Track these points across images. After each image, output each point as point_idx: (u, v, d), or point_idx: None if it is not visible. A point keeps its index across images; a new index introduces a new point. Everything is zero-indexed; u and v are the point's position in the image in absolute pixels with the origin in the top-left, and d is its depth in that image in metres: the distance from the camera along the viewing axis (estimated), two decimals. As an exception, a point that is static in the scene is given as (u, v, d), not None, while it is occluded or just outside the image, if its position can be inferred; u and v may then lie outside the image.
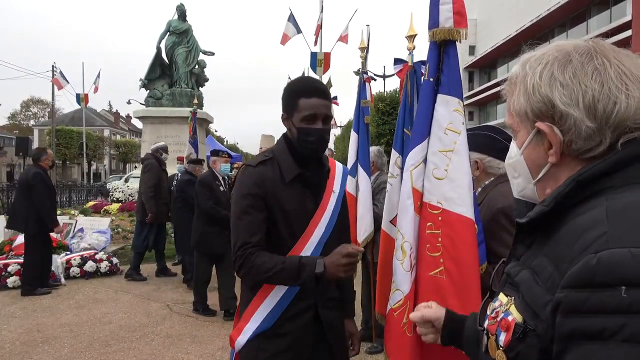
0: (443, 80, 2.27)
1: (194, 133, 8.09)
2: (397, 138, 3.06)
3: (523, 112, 0.89)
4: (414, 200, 2.28)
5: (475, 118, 41.44)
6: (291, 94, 1.83)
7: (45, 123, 52.42)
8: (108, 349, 4.42)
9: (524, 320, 0.79)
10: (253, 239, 1.77)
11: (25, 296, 6.09)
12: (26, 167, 6.78)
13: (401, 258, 2.26)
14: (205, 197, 5.39)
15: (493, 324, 0.87)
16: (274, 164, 1.85)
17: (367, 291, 4.61)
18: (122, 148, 48.63)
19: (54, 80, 25.88)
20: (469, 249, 2.09)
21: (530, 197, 0.96)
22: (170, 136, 13.51)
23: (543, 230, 0.86)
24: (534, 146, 0.90)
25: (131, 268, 7.17)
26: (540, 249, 0.84)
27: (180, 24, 14.38)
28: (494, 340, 0.86)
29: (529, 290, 0.80)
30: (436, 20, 2.25)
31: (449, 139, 2.22)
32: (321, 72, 12.80)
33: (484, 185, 2.35)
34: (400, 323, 2.21)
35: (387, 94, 22.75)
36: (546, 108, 0.84)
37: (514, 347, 0.80)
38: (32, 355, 4.26)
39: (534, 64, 0.88)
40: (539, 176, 0.91)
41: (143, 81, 14.33)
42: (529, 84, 0.86)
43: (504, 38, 34.85)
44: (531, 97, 0.86)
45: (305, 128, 1.79)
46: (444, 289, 2.12)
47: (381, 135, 21.18)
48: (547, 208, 0.83)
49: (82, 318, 5.30)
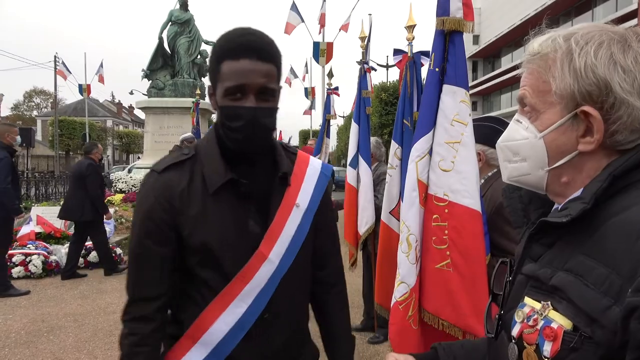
0: (449, 70, 2.24)
1: (197, 123, 8.10)
2: (396, 129, 3.05)
3: (568, 93, 0.78)
4: (419, 193, 2.26)
5: (479, 108, 41.26)
6: (213, 55, 1.22)
7: (48, 114, 52.47)
8: (112, 338, 4.45)
9: (574, 327, 0.71)
10: (148, 293, 1.23)
11: (108, 276, 6.75)
12: (79, 160, 7.15)
13: (406, 251, 2.25)
14: None
15: (532, 332, 0.78)
16: (194, 166, 1.24)
17: (368, 281, 4.62)
18: (124, 139, 48.67)
19: (59, 72, 25.84)
20: (476, 241, 2.08)
21: (531, 184, 0.88)
22: (173, 126, 13.53)
23: (571, 228, 0.78)
24: (565, 130, 0.80)
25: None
26: (572, 249, 0.77)
27: (181, 13, 14.31)
28: (533, 351, 0.77)
29: (579, 294, 0.72)
30: (446, 9, 2.22)
31: (456, 131, 2.20)
32: (324, 62, 12.72)
33: (487, 177, 2.33)
34: (405, 316, 2.20)
35: (390, 84, 22.64)
36: (599, 92, 0.75)
37: (565, 356, 0.72)
38: (37, 344, 4.30)
39: (581, 40, 0.78)
40: (558, 163, 0.82)
41: (145, 72, 14.31)
42: (581, 61, 0.77)
43: (509, 27, 34.56)
44: (582, 77, 0.76)
45: (227, 107, 1.17)
46: (451, 282, 2.11)
47: (384, 126, 21.10)
48: (588, 205, 0.75)
49: (86, 308, 5.34)
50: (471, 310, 2.04)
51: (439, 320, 2.14)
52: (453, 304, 2.09)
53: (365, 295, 4.74)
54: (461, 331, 2.08)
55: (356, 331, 4.66)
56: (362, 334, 4.60)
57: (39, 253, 6.86)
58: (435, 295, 2.17)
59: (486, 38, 39.27)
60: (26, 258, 6.68)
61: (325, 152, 5.34)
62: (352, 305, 5.53)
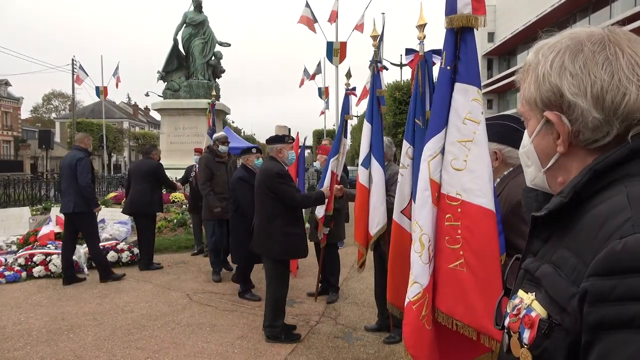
0: (461, 68, 2.22)
1: (212, 124, 8.15)
2: (408, 128, 3.03)
3: (533, 101, 0.89)
4: (432, 192, 2.25)
5: (494, 106, 40.80)
6: None
7: (66, 116, 53.42)
8: (130, 337, 4.52)
9: (548, 315, 0.77)
10: None
11: (143, 270, 7.09)
12: (139, 160, 7.75)
13: (419, 250, 2.23)
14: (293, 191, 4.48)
15: (515, 321, 0.84)
16: None
17: (381, 282, 4.61)
18: (141, 140, 49.21)
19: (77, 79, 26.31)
20: (490, 241, 2.06)
21: (540, 186, 0.96)
22: (188, 127, 13.65)
23: (561, 222, 0.84)
24: (543, 135, 0.89)
25: (216, 272, 6.71)
26: (559, 242, 0.82)
27: (196, 15, 14.43)
28: (516, 339, 0.83)
29: (552, 284, 0.78)
30: (454, 7, 2.20)
31: (468, 129, 2.18)
32: (337, 62, 12.73)
33: (502, 176, 2.30)
34: (419, 316, 2.19)
35: (404, 83, 22.55)
36: (555, 97, 0.84)
37: (540, 343, 0.77)
38: (57, 342, 4.38)
39: (546, 52, 0.87)
40: (548, 165, 0.91)
41: (161, 73, 14.46)
42: (540, 72, 0.86)
43: (524, 24, 34.10)
44: (541, 85, 0.86)
45: None
46: (464, 282, 2.10)
47: (398, 125, 21.02)
48: (565, 199, 0.81)
49: (105, 307, 5.42)
50: (485, 311, 2.02)
51: (453, 321, 2.12)
52: (467, 304, 2.08)
53: (378, 296, 4.73)
54: (475, 332, 2.06)
55: (372, 331, 4.66)
56: (378, 334, 4.60)
57: (59, 253, 6.98)
58: (449, 295, 2.15)
59: (501, 35, 38.80)
60: (46, 258, 6.81)
61: (343, 152, 5.33)
62: (368, 305, 5.57)
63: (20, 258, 6.85)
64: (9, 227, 8.73)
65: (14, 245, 7.78)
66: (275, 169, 4.37)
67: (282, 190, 4.29)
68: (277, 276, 4.40)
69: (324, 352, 4.24)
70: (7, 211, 9.52)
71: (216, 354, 4.16)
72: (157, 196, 7.48)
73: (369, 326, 4.78)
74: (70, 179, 6.34)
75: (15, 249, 7.62)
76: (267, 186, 4.32)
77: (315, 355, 4.16)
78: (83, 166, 6.34)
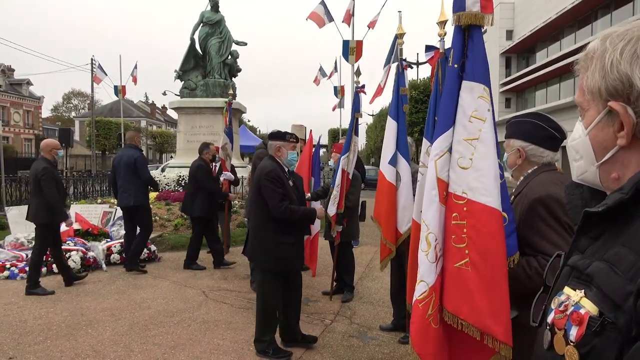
0: (468, 66, 2.21)
1: (229, 123, 8.19)
2: (428, 126, 3.02)
3: (596, 90, 0.84)
4: (439, 191, 2.25)
5: (512, 105, 40.24)
6: None
7: (85, 114, 54.32)
8: (147, 332, 4.58)
9: (600, 312, 0.74)
10: None
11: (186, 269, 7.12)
12: (193, 161, 7.59)
13: (426, 249, 2.24)
14: (278, 198, 3.89)
15: (561, 318, 0.81)
16: None
17: (396, 282, 4.59)
18: (158, 138, 49.86)
19: (95, 78, 26.76)
20: (495, 240, 2.05)
21: (590, 181, 0.92)
22: (205, 126, 13.76)
23: (617, 220, 0.80)
24: (602, 126, 0.85)
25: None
26: (614, 240, 0.79)
27: (213, 14, 14.52)
28: (562, 336, 0.80)
29: (606, 281, 0.75)
30: (462, 4, 2.19)
31: (474, 127, 2.17)
32: (353, 61, 12.69)
33: (526, 174, 2.26)
34: (425, 315, 2.20)
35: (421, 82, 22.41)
36: (623, 87, 0.80)
37: (589, 341, 0.74)
38: (77, 337, 4.46)
39: (615, 39, 0.83)
40: (604, 158, 0.86)
41: (178, 72, 14.59)
42: (608, 60, 0.82)
43: (544, 21, 33.55)
44: (608, 74, 0.82)
45: None
46: (469, 281, 2.09)
47: (414, 124, 20.91)
48: (626, 195, 0.78)
49: (122, 303, 5.51)
50: (489, 311, 2.01)
51: (458, 320, 2.12)
52: (471, 303, 2.07)
53: (394, 296, 4.71)
54: (479, 331, 2.05)
55: (387, 331, 4.65)
56: (393, 333, 4.58)
57: (78, 249, 7.12)
58: (455, 295, 2.16)
59: (520, 33, 38.22)
60: (66, 254, 6.94)
61: (354, 150, 5.32)
62: (383, 305, 5.55)
63: (41, 254, 6.98)
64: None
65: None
66: (267, 168, 3.95)
67: (266, 193, 3.88)
68: (266, 286, 4.09)
69: (339, 351, 4.24)
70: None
71: (232, 351, 4.19)
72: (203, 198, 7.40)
73: (384, 326, 4.76)
74: (128, 175, 6.88)
75: (36, 245, 7.75)
76: (258, 188, 3.97)
77: (330, 354, 4.16)
78: (141, 163, 6.94)
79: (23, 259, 7.07)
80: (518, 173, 2.30)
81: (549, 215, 2.01)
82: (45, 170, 5.87)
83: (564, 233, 1.97)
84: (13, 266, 6.66)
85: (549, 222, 2.02)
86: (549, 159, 2.22)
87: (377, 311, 5.27)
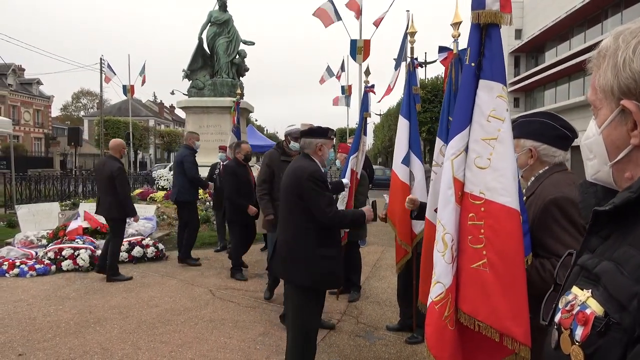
0: (485, 65, 2.18)
1: (237, 122, 8.21)
2: (442, 126, 3.01)
3: (608, 88, 0.83)
4: (455, 191, 2.22)
5: (521, 105, 39.98)
6: None
7: (94, 114, 54.74)
8: (155, 330, 4.60)
9: (605, 312, 0.73)
10: None
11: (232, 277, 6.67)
12: (227, 161, 7.52)
13: (442, 250, 2.21)
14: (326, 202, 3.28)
15: (567, 317, 0.81)
16: None
17: (403, 282, 4.57)
18: (166, 137, 50.12)
19: (105, 78, 26.99)
20: (513, 241, 2.02)
21: (604, 181, 0.91)
22: (212, 125, 13.80)
23: (625, 219, 0.79)
24: (615, 125, 0.84)
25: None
26: (622, 240, 0.78)
27: (221, 14, 14.55)
28: (567, 335, 0.80)
29: (612, 281, 0.74)
30: (482, 2, 2.17)
31: (492, 127, 2.14)
32: (361, 60, 12.66)
33: (537, 175, 2.23)
34: (441, 316, 2.17)
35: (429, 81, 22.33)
36: (636, 85, 0.78)
37: (594, 341, 0.74)
38: (85, 334, 4.49)
39: (628, 37, 0.81)
40: (617, 158, 0.85)
41: (186, 72, 14.64)
42: (620, 57, 0.81)
43: (553, 20, 33.29)
44: (620, 72, 0.80)
45: None
46: (487, 282, 2.06)
47: (422, 124, 20.83)
48: (634, 195, 0.77)
49: (130, 301, 5.53)
50: (508, 312, 1.98)
51: (475, 322, 2.09)
52: (489, 305, 2.04)
53: (401, 296, 4.69)
54: (498, 333, 2.03)
55: (393, 331, 4.63)
56: (399, 333, 4.57)
57: (87, 247, 7.17)
58: (472, 296, 2.12)
59: (529, 32, 37.95)
60: (74, 252, 7.00)
61: (363, 150, 5.31)
62: (389, 305, 5.52)
63: (50, 252, 7.05)
64: (40, 221, 9.00)
65: (44, 239, 8.01)
66: (309, 168, 3.35)
67: (312, 198, 3.24)
68: (306, 304, 3.30)
69: (345, 350, 4.23)
70: (37, 206, 9.81)
71: (238, 350, 4.20)
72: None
73: (391, 326, 4.75)
74: (176, 173, 7.42)
75: (46, 242, 7.84)
76: (297, 192, 3.31)
77: (336, 354, 4.15)
78: (188, 162, 7.30)
79: (33, 256, 7.13)
80: (529, 173, 2.27)
81: (563, 217, 1.99)
82: (120, 170, 6.37)
83: (578, 235, 1.94)
84: (23, 264, 6.72)
85: (563, 224, 1.99)
86: (560, 158, 2.20)
87: (383, 311, 5.25)
